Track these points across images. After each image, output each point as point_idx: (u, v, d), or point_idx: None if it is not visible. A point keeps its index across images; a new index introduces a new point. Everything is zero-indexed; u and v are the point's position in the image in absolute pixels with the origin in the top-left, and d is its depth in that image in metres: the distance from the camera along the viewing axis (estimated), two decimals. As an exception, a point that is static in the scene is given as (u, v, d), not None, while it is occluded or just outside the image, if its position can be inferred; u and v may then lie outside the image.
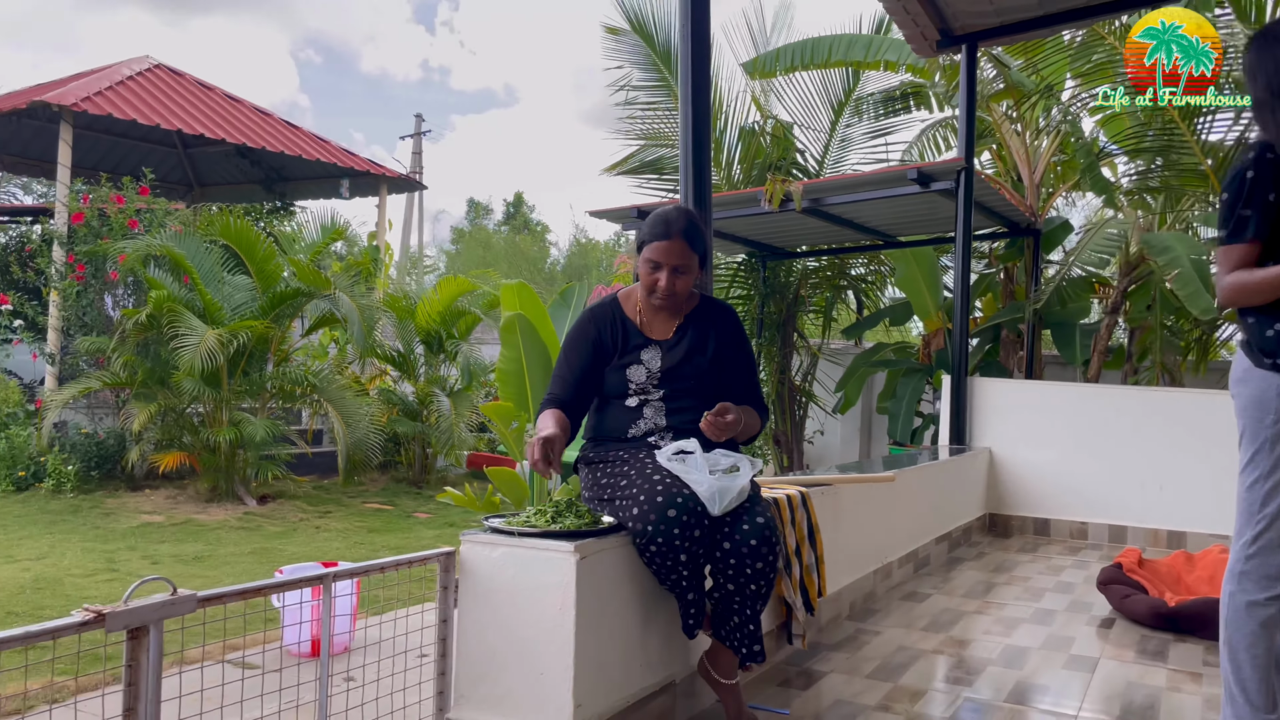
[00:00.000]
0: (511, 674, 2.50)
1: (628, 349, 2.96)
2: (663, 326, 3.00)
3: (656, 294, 2.87)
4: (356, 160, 12.14)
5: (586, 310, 3.07)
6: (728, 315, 3.11)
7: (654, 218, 2.91)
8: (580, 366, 2.95)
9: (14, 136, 12.11)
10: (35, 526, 7.38)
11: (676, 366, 2.92)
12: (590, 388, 2.96)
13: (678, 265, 2.84)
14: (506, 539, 2.53)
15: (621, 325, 2.99)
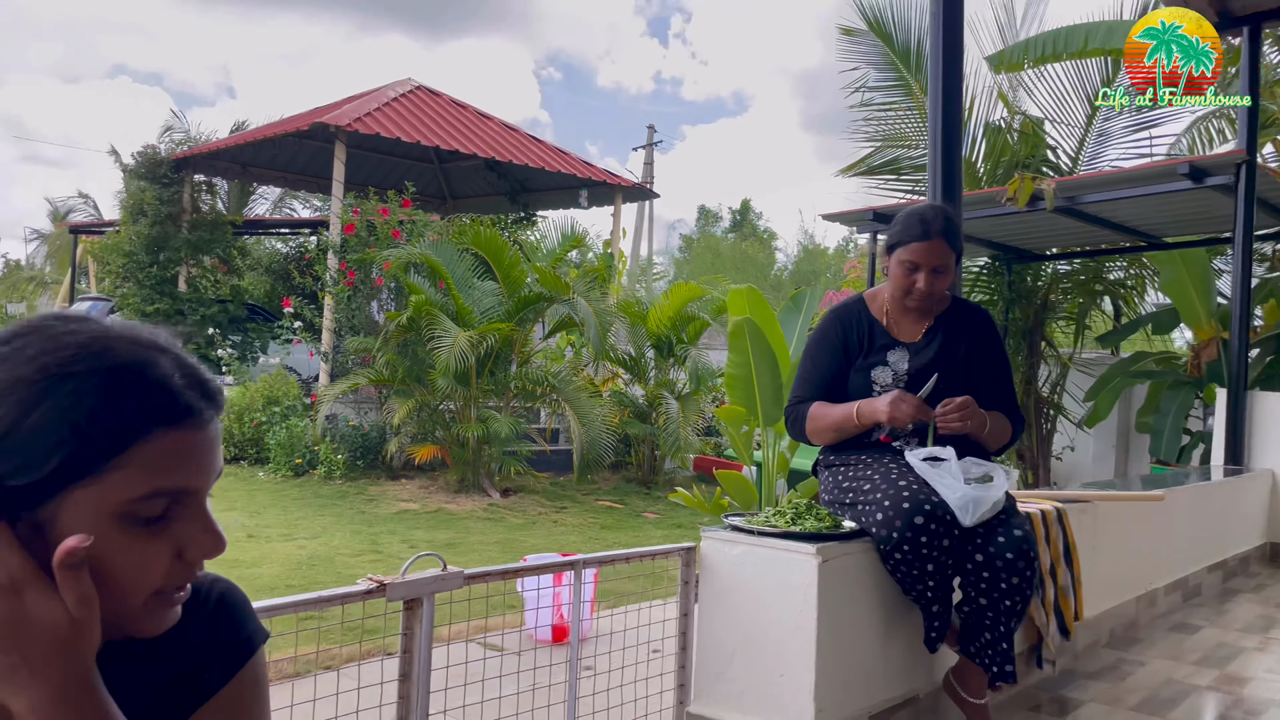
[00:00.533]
0: (751, 672, 2.50)
1: (873, 350, 2.88)
2: (911, 328, 2.90)
3: (913, 295, 2.78)
4: (594, 171, 12.59)
5: (831, 311, 3.02)
6: (982, 318, 2.97)
7: (909, 217, 2.82)
8: (827, 368, 2.89)
9: (295, 156, 13.45)
10: (310, 509, 8.15)
11: (925, 369, 2.81)
12: (838, 390, 2.90)
13: (937, 266, 2.75)
14: (747, 537, 2.54)
15: (868, 326, 2.92)
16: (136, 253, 11.96)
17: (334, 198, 10.38)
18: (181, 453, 0.81)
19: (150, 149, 12.34)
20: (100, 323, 0.86)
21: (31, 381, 0.79)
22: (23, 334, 0.83)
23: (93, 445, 0.78)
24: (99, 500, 0.79)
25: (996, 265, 9.35)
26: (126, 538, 0.80)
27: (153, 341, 0.85)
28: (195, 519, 0.83)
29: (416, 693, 2.01)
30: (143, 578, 0.81)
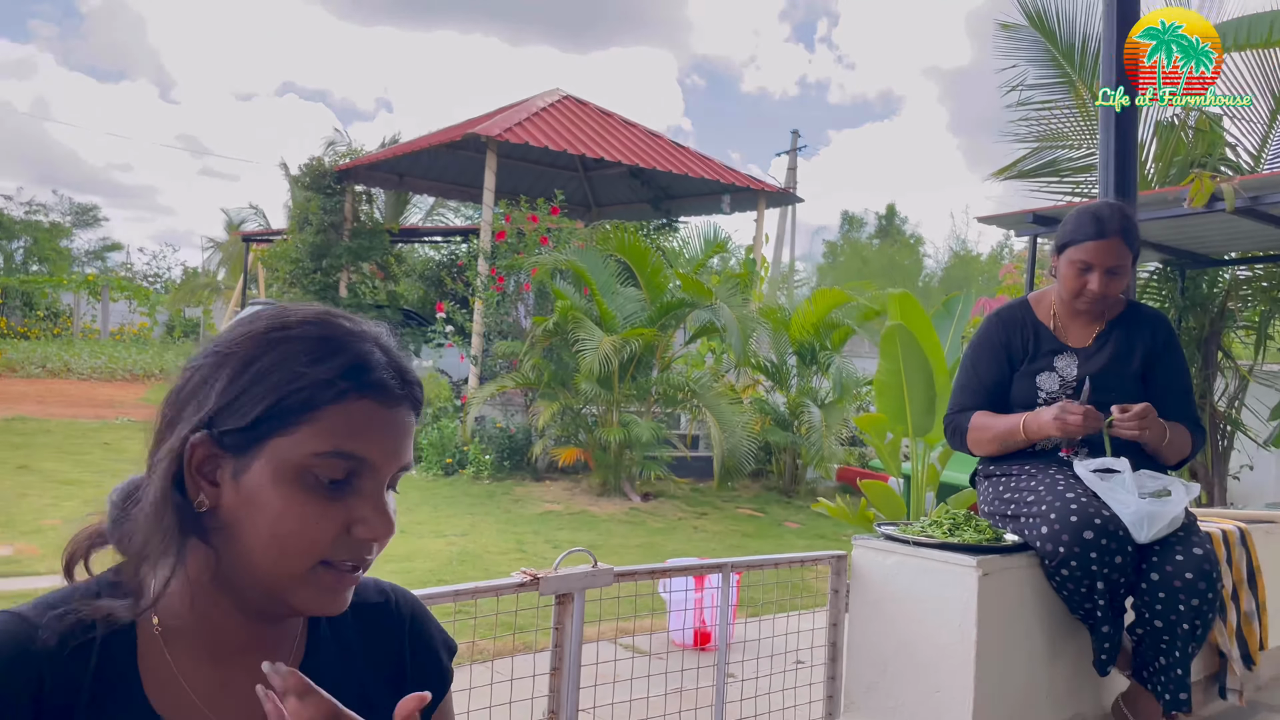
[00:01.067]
0: (905, 685, 2.42)
1: (1039, 355, 2.75)
2: (1081, 332, 2.75)
3: (1084, 297, 2.64)
4: (737, 176, 12.55)
5: (993, 314, 2.90)
6: (1159, 323, 2.79)
7: (1081, 214, 2.68)
8: (989, 375, 2.77)
9: (448, 166, 13.94)
10: (458, 507, 8.40)
11: (1096, 375, 2.66)
12: (1000, 398, 2.77)
13: (1112, 266, 2.60)
14: (902, 546, 2.46)
15: (1033, 329, 2.78)
16: (302, 259, 12.65)
17: (485, 206, 10.70)
18: (368, 423, 0.86)
19: (315, 161, 13.04)
20: (325, 308, 0.94)
21: (255, 339, 0.88)
22: (264, 308, 0.94)
23: (292, 398, 0.85)
24: (290, 450, 0.85)
25: (1169, 271, 8.80)
26: (304, 495, 0.85)
27: (366, 327, 0.92)
28: (370, 496, 0.87)
29: (567, 687, 2.03)
30: (310, 540, 0.85)
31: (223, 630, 0.91)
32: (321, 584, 0.87)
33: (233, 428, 0.85)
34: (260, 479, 0.85)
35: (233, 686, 0.92)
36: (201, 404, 0.87)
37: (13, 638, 0.84)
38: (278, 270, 13.48)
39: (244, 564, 0.86)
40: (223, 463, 0.86)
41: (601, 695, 2.32)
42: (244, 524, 0.85)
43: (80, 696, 0.85)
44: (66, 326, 23.55)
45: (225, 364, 0.88)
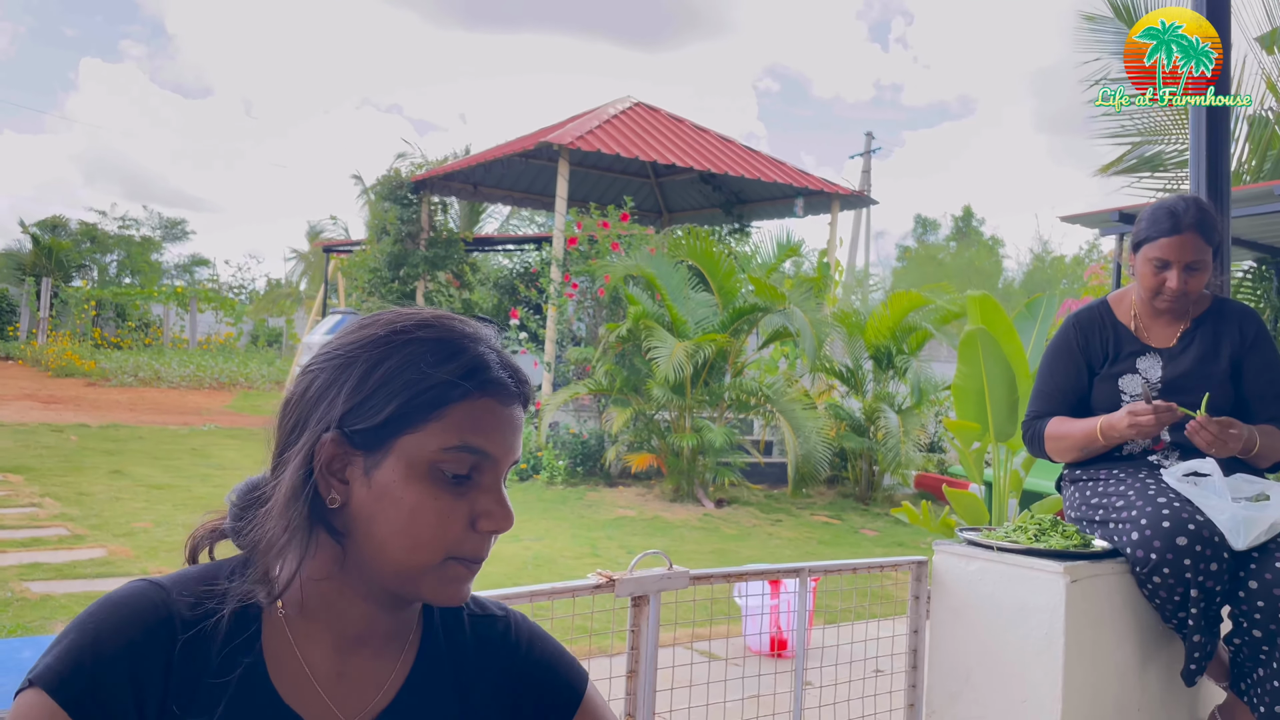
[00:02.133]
0: (990, 695, 2.35)
1: (1120, 357, 2.66)
2: (1164, 332, 2.66)
3: (1163, 295, 2.55)
4: (810, 179, 12.45)
5: (1071, 316, 2.82)
6: (1248, 318, 2.67)
7: (1157, 210, 2.59)
8: (1066, 380, 2.70)
9: (520, 175, 14.11)
10: (533, 512, 8.47)
11: (1182, 376, 2.56)
12: (1079, 403, 2.71)
13: (1190, 263, 2.50)
14: (985, 552, 2.39)
15: (1113, 330, 2.70)
16: (380, 269, 12.93)
17: (557, 213, 10.80)
18: (489, 419, 0.91)
19: (393, 172, 13.32)
20: (440, 311, 0.99)
21: (381, 341, 0.93)
22: (381, 313, 0.99)
23: (421, 397, 0.90)
24: (419, 447, 0.89)
25: (1263, 270, 8.46)
26: (434, 489, 0.89)
27: (478, 329, 0.98)
28: (491, 489, 0.92)
29: (643, 690, 2.02)
30: (442, 534, 0.89)
31: (345, 618, 0.95)
32: (448, 575, 0.91)
33: (363, 426, 0.90)
34: (393, 475, 0.89)
35: (350, 674, 0.96)
36: (331, 405, 0.91)
37: (152, 603, 0.89)
38: (357, 279, 13.79)
39: (377, 556, 0.91)
40: (353, 460, 0.91)
41: (677, 699, 2.32)
42: (377, 518, 0.90)
43: (208, 667, 0.89)
44: (157, 336, 24.43)
45: (351, 366, 0.92)
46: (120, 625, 0.87)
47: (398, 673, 0.98)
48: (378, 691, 0.96)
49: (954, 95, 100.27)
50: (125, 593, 0.91)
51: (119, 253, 29.85)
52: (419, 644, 1.01)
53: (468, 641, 1.04)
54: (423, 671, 0.99)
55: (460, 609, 1.06)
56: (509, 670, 1.04)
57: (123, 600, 0.89)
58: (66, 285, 24.71)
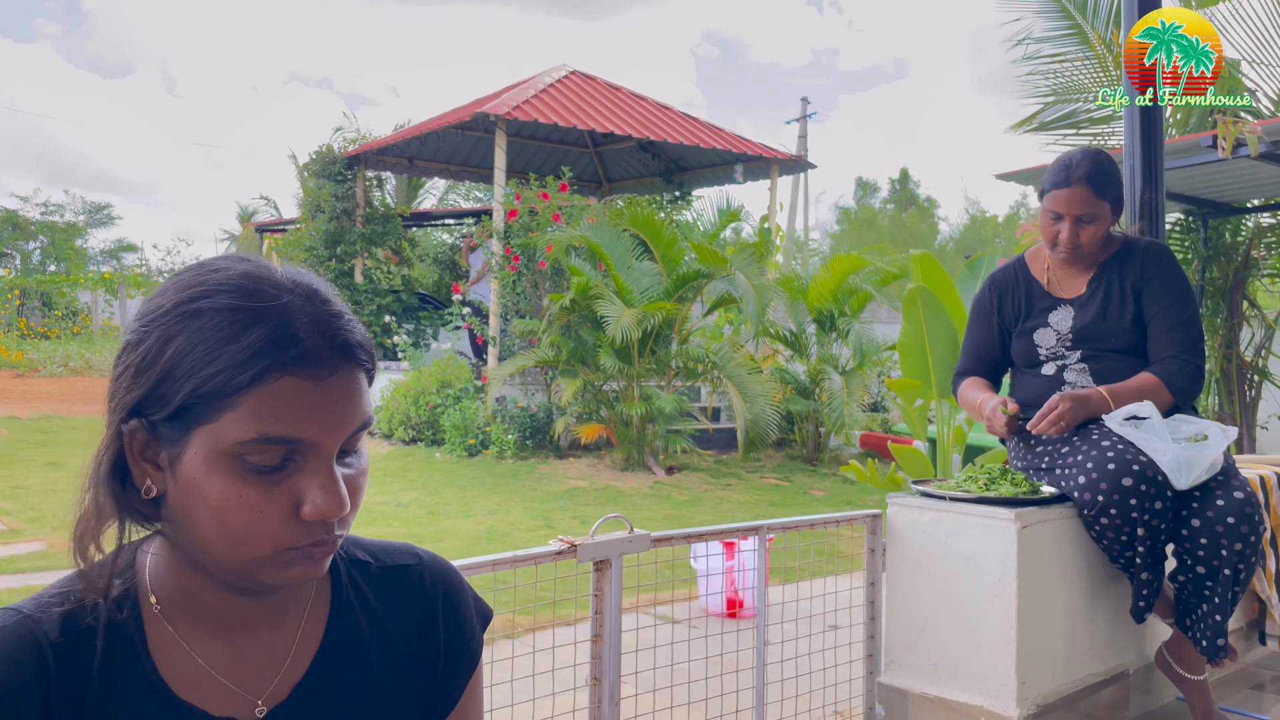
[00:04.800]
0: (946, 643, 2.40)
1: (1033, 313, 2.72)
2: (1074, 283, 2.71)
3: (1059, 247, 2.61)
4: (749, 145, 12.46)
5: (988, 277, 2.90)
6: (1150, 253, 2.65)
7: (1057, 162, 2.64)
8: (981, 339, 2.82)
9: (457, 147, 13.89)
10: (484, 487, 8.43)
11: (1090, 325, 2.62)
12: (999, 359, 2.82)
13: (1081, 215, 2.55)
14: (938, 503, 2.44)
15: (1025, 287, 2.76)
16: (316, 247, 12.66)
17: (496, 185, 10.66)
18: (296, 401, 0.79)
19: (325, 148, 13.02)
20: (255, 262, 0.86)
21: (167, 314, 0.81)
22: (189, 268, 0.86)
23: (208, 384, 0.78)
24: (216, 439, 0.79)
25: (1190, 221, 8.69)
26: (239, 483, 0.79)
27: (293, 284, 0.83)
28: (315, 475, 0.81)
29: (608, 653, 2.03)
30: (259, 529, 0.80)
31: (215, 606, 0.88)
32: (287, 562, 0.83)
33: (157, 416, 0.80)
34: (194, 470, 0.80)
35: (250, 654, 0.90)
36: (131, 387, 0.82)
37: (13, 633, 0.82)
38: (293, 259, 13.50)
39: (200, 550, 0.83)
40: (161, 449, 0.82)
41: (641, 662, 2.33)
42: (190, 513, 0.81)
43: (89, 683, 0.83)
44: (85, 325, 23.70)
45: (143, 343, 0.82)
46: None
47: (306, 641, 0.93)
48: (286, 664, 0.91)
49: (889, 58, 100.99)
50: None
51: (42, 239, 28.84)
52: (329, 605, 0.96)
53: (381, 599, 0.99)
54: (337, 635, 0.95)
55: (367, 560, 1.00)
56: (427, 614, 1.01)
57: None
58: (-13, 274, 23.82)
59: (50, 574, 5.15)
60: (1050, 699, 2.35)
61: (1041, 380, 2.68)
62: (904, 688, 2.45)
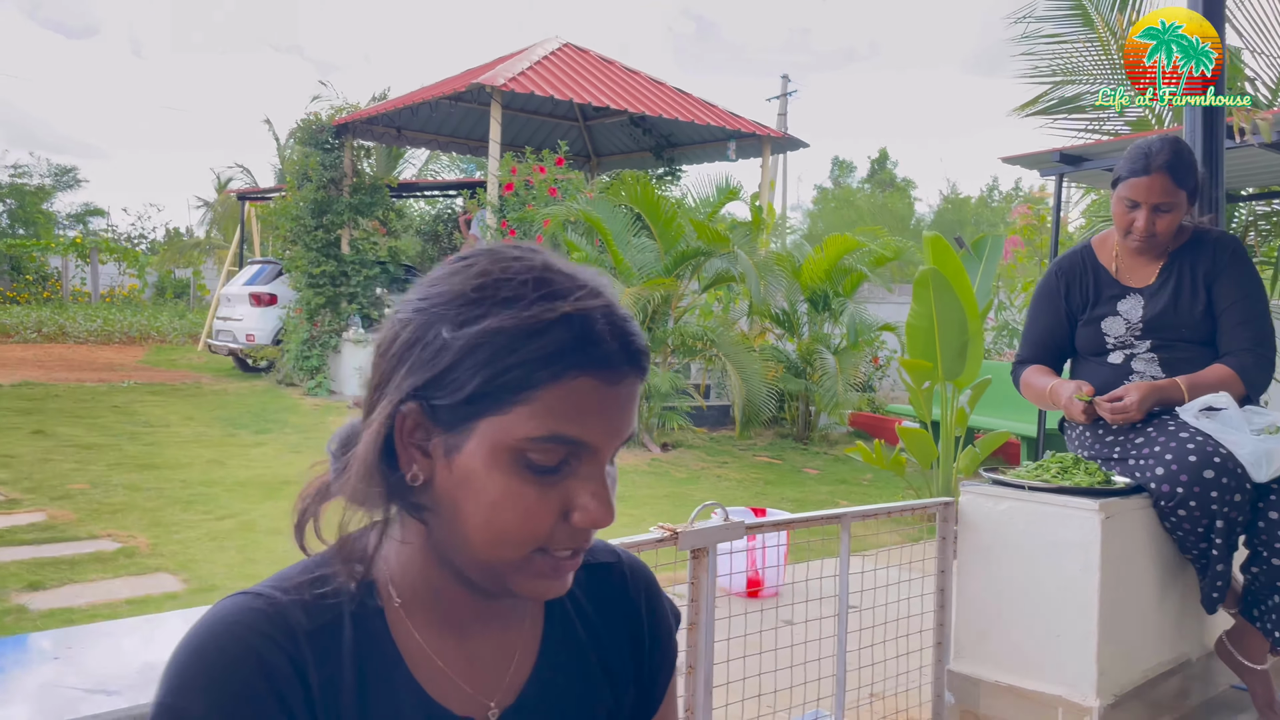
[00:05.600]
0: (1021, 632, 2.41)
1: (1101, 300, 2.72)
2: (1143, 271, 2.71)
3: (1132, 235, 2.61)
4: (743, 122, 12.39)
5: (1054, 263, 2.88)
6: (1222, 245, 2.68)
7: (1134, 149, 2.63)
8: (1045, 326, 2.80)
9: (446, 118, 13.70)
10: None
11: (1160, 314, 2.63)
12: (1062, 347, 2.81)
13: (1158, 204, 2.55)
14: (1014, 491, 2.43)
15: (1094, 274, 2.75)
16: (303, 217, 12.45)
17: (491, 158, 10.53)
18: (589, 402, 0.78)
19: (313, 116, 12.78)
20: (550, 257, 0.84)
21: (466, 299, 0.79)
22: (475, 255, 0.84)
23: (505, 376, 0.76)
24: (503, 433, 0.77)
25: (1186, 208, 8.76)
26: (519, 482, 0.78)
27: (591, 286, 0.81)
28: (587, 481, 0.80)
29: (704, 641, 2.01)
30: (527, 528, 0.78)
31: (455, 603, 0.87)
32: (538, 570, 0.81)
33: (443, 402, 0.78)
34: (474, 461, 0.78)
35: (481, 655, 0.89)
36: (412, 370, 0.80)
37: (265, 616, 0.79)
38: (279, 228, 13.29)
39: (458, 546, 0.81)
40: (435, 435, 0.80)
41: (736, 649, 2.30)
42: (459, 505, 0.79)
43: (343, 672, 0.81)
44: (56, 290, 23.24)
45: (435, 325, 0.79)
46: (238, 660, 0.76)
47: (527, 644, 0.92)
48: (511, 667, 0.90)
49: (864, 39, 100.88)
50: (228, 619, 0.79)
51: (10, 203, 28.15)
52: (543, 606, 0.95)
53: (589, 601, 0.98)
54: (555, 637, 0.94)
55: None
56: (632, 614, 1.00)
57: (230, 629, 0.78)
58: (-48, 237, 23.24)
59: (60, 546, 5.05)
60: (1125, 689, 2.36)
61: (1108, 369, 2.68)
62: (975, 675, 2.46)
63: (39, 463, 7.25)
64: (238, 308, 13.68)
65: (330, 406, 11.21)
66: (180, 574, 4.71)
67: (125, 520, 5.70)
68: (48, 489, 6.39)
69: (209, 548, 5.21)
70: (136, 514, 5.88)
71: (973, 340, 6.59)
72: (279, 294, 13.38)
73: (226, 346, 13.95)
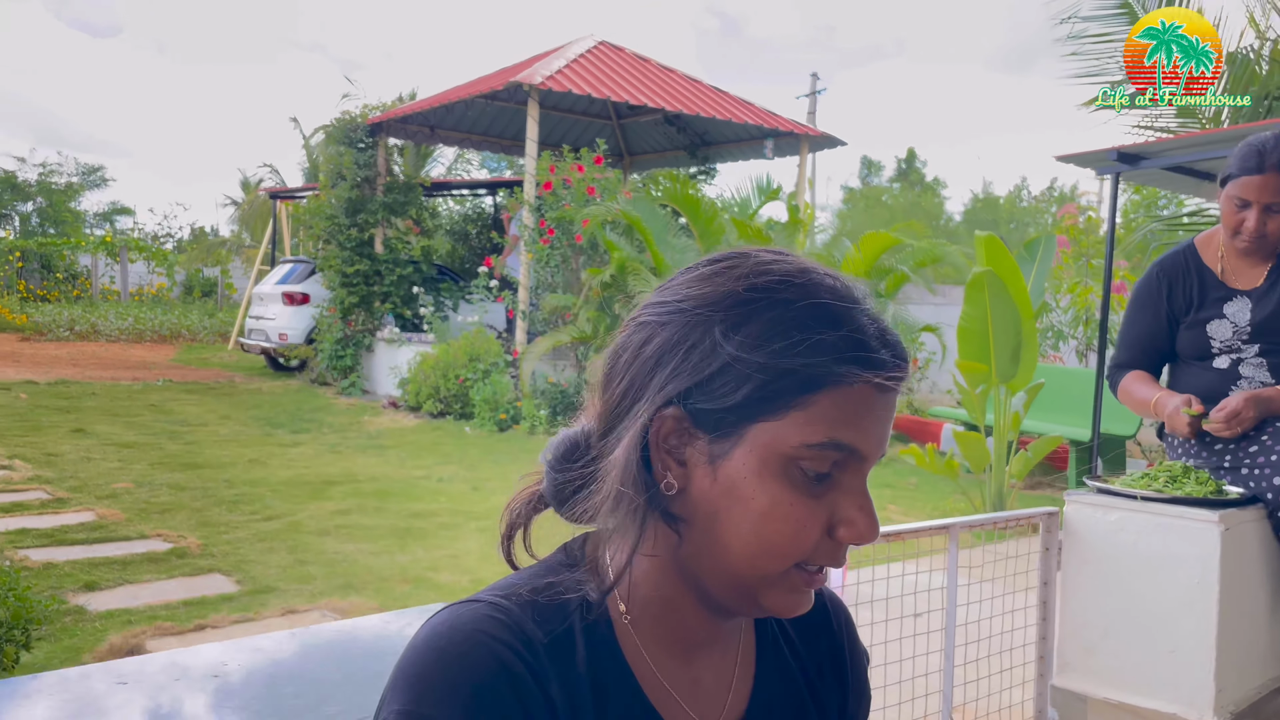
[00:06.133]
0: (1132, 648, 2.32)
1: (1206, 303, 2.62)
2: (1251, 273, 2.61)
3: (1242, 235, 2.51)
4: (780, 121, 12.29)
5: (1155, 263, 2.78)
6: None
7: (1246, 147, 2.54)
8: (1146, 330, 2.70)
9: (479, 116, 13.67)
10: (520, 462, 8.32)
11: (1271, 318, 2.53)
12: (1162, 350, 2.71)
13: (1271, 203, 2.46)
14: (1125, 502, 2.34)
15: (1198, 275, 2.65)
16: (337, 216, 12.45)
17: (529, 157, 10.48)
18: (864, 408, 0.75)
19: (346, 115, 12.77)
20: (802, 260, 0.81)
21: (738, 300, 0.77)
22: (733, 256, 0.81)
23: (784, 380, 0.74)
24: (777, 439, 0.74)
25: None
26: (791, 490, 0.75)
27: (851, 289, 0.80)
28: (852, 493, 0.77)
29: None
30: (795, 541, 0.75)
31: (687, 622, 0.83)
32: (793, 585, 0.78)
33: (711, 407, 0.75)
34: (743, 469, 0.75)
35: (703, 678, 0.85)
36: (674, 374, 0.76)
37: (502, 625, 0.76)
38: (313, 227, 13.29)
39: (715, 558, 0.77)
40: (694, 442, 0.76)
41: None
42: (721, 516, 0.76)
43: (580, 686, 0.78)
44: (85, 289, 23.41)
45: (699, 328, 0.76)
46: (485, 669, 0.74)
47: (744, 670, 0.89)
48: (729, 694, 0.87)
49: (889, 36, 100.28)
50: (468, 627, 0.76)
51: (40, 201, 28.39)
52: (753, 634, 0.91)
53: (794, 624, 0.95)
54: (769, 664, 0.91)
55: None
56: (835, 656, 0.96)
57: (472, 637, 0.75)
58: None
59: (113, 546, 5.03)
60: (1241, 705, 2.27)
61: (1214, 374, 2.59)
62: (1082, 692, 2.37)
63: (82, 461, 7.25)
64: (270, 307, 13.70)
65: (364, 406, 11.21)
66: (233, 575, 4.68)
67: (173, 520, 5.68)
68: (93, 488, 6.39)
69: (259, 548, 5.17)
70: (184, 514, 5.86)
71: (1026, 342, 6.48)
72: (311, 293, 13.39)
73: (259, 345, 13.98)
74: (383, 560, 5.06)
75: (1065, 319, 10.27)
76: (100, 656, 3.57)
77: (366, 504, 6.39)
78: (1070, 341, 10.61)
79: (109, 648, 3.62)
